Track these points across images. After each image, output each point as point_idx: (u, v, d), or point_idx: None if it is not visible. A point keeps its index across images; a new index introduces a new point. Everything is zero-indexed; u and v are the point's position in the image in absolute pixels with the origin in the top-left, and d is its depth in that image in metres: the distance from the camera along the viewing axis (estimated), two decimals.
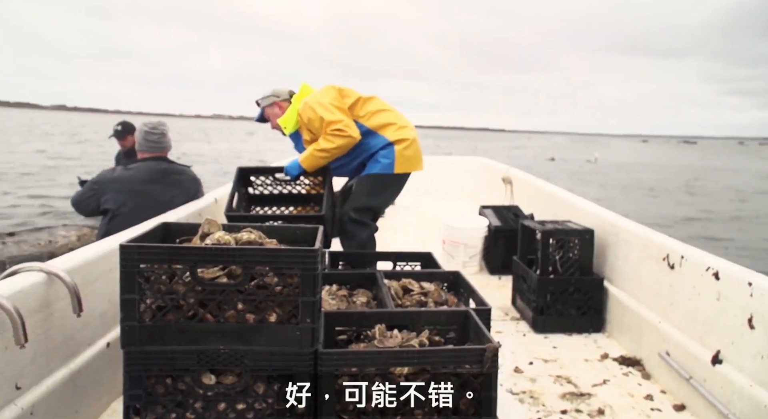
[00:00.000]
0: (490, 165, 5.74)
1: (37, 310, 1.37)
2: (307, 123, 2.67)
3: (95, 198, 2.73)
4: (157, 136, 2.86)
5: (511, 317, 2.77)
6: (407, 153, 2.67)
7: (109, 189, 2.72)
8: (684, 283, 1.93)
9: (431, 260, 2.52)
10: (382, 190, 2.74)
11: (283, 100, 2.85)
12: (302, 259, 1.32)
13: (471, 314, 1.62)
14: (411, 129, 2.74)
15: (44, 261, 1.48)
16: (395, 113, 2.77)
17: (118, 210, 2.68)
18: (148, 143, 2.85)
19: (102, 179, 2.77)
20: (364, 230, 2.74)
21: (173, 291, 1.31)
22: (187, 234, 1.55)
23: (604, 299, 2.57)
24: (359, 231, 2.73)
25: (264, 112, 2.89)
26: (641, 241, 2.31)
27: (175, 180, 2.85)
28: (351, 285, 2.12)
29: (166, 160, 2.91)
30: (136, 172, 2.78)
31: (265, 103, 2.87)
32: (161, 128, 2.88)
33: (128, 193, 2.71)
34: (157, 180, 2.79)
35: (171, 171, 2.87)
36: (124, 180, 2.74)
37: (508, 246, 3.42)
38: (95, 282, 1.64)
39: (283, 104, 2.84)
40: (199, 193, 2.98)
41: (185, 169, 2.97)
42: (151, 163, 2.83)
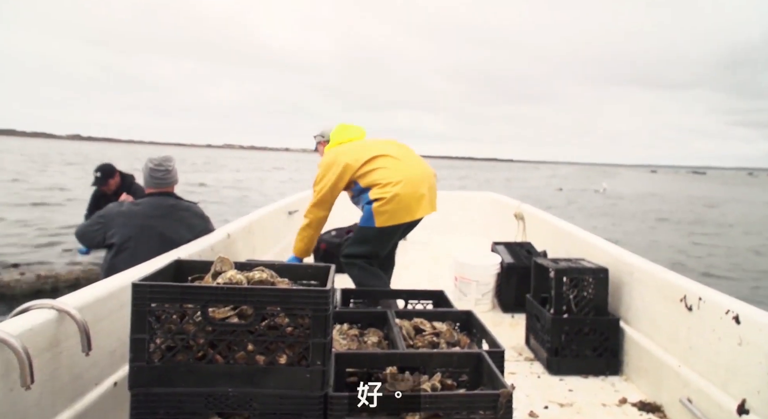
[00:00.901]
0: (502, 200, 5.73)
1: (46, 349, 1.36)
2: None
3: (101, 231, 2.75)
4: (162, 173, 2.89)
5: (525, 357, 2.70)
6: (383, 209, 2.84)
7: (116, 223, 2.74)
8: (703, 326, 1.87)
9: (443, 298, 2.49)
10: (365, 241, 2.95)
11: (326, 141, 3.27)
12: (314, 300, 1.31)
13: (484, 356, 1.59)
14: (395, 185, 2.85)
15: (55, 297, 1.47)
16: (389, 171, 2.90)
17: (123, 245, 2.69)
18: (154, 180, 2.88)
19: (109, 213, 2.79)
20: (352, 268, 2.95)
21: (184, 331, 1.30)
22: (200, 271, 1.55)
23: (621, 340, 2.50)
24: (349, 270, 2.96)
25: (317, 147, 3.36)
26: (657, 281, 2.27)
27: (181, 216, 2.87)
28: (362, 324, 2.09)
29: (173, 196, 2.94)
30: (144, 207, 2.81)
31: (315, 140, 3.36)
32: (166, 165, 2.91)
33: (134, 227, 2.72)
34: (163, 215, 2.81)
35: (178, 207, 2.89)
36: (131, 215, 2.77)
37: (521, 283, 3.37)
38: (105, 320, 1.63)
39: (325, 144, 3.25)
40: (206, 230, 2.98)
41: (191, 206, 2.99)
42: (158, 199, 2.85)
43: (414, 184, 2.88)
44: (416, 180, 2.90)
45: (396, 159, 2.96)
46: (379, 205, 2.84)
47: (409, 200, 2.87)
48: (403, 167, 2.93)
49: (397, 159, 2.96)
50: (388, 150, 3.00)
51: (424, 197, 2.91)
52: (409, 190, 2.87)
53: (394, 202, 2.84)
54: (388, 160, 2.95)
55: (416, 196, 2.88)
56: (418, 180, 2.90)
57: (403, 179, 2.88)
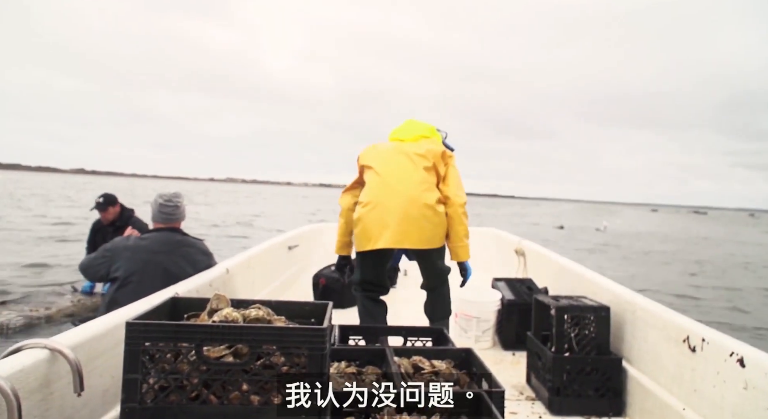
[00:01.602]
0: (503, 236, 5.72)
1: (37, 390, 1.33)
2: None
3: (106, 265, 2.75)
4: (171, 209, 2.92)
5: (526, 397, 2.64)
6: (355, 231, 2.78)
7: (121, 257, 2.74)
8: (707, 369, 1.84)
9: (443, 336, 2.45)
10: (357, 265, 2.92)
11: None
12: (310, 338, 1.29)
13: (484, 397, 1.55)
14: (364, 206, 2.71)
15: (48, 337, 1.46)
16: (368, 188, 2.78)
17: (127, 279, 2.70)
18: (163, 215, 2.91)
19: (116, 246, 2.80)
20: (357, 302, 2.96)
21: (177, 371, 1.28)
22: (196, 309, 1.54)
23: (624, 380, 2.45)
24: (357, 302, 2.96)
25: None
26: (659, 321, 2.24)
27: (185, 252, 2.88)
28: (360, 361, 2.06)
29: (179, 232, 2.96)
30: (150, 242, 2.82)
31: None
32: (176, 201, 2.95)
33: (139, 262, 2.73)
34: (169, 251, 2.82)
35: (183, 243, 2.91)
36: (137, 249, 2.77)
37: (522, 320, 3.33)
38: (99, 358, 1.60)
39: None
40: (209, 267, 2.97)
41: (196, 242, 3.01)
42: (165, 234, 2.87)
43: (383, 209, 2.65)
44: (388, 205, 2.65)
45: (378, 175, 2.74)
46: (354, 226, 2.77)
47: (371, 226, 2.66)
48: (380, 187, 2.71)
49: (379, 175, 2.74)
50: (379, 163, 2.79)
51: (388, 227, 2.63)
52: (373, 216, 2.66)
53: (358, 226, 2.73)
54: (371, 175, 2.78)
55: (381, 223, 2.64)
56: (391, 205, 2.64)
57: (372, 201, 2.69)
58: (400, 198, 2.66)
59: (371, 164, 2.80)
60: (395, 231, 2.64)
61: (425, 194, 2.69)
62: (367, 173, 2.81)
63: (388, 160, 2.78)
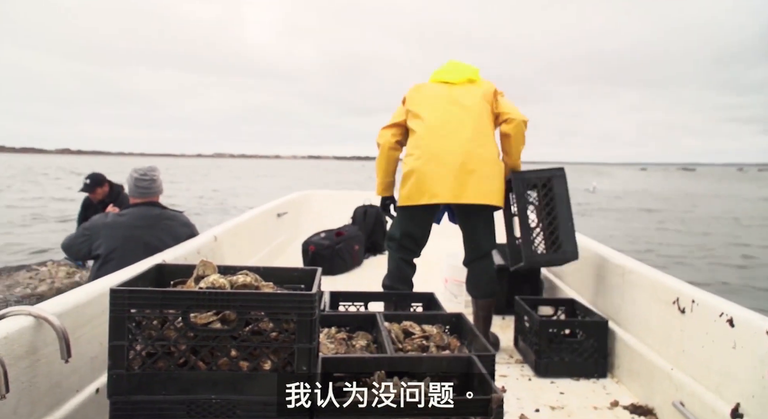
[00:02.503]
0: None
1: (23, 357, 1.31)
2: None
3: (87, 243, 2.73)
4: (147, 182, 2.87)
5: (515, 360, 2.68)
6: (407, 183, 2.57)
7: (101, 234, 2.72)
8: (696, 329, 1.86)
9: (433, 301, 2.46)
10: (395, 222, 2.79)
11: None
12: (299, 304, 1.28)
13: (474, 360, 1.56)
14: (418, 157, 2.55)
15: (33, 304, 1.43)
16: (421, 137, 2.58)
17: (109, 256, 2.68)
18: (139, 189, 2.87)
19: (95, 224, 2.78)
20: (390, 260, 2.78)
21: (164, 337, 1.26)
22: (182, 276, 1.51)
23: (611, 342, 2.49)
24: (388, 261, 2.79)
25: None
26: (648, 283, 2.25)
27: (166, 225, 2.85)
28: (350, 327, 2.06)
29: (158, 206, 2.92)
30: (129, 218, 2.79)
31: None
32: (151, 174, 2.89)
33: (120, 238, 2.71)
34: (149, 225, 2.79)
35: (163, 216, 2.88)
36: (115, 226, 2.75)
37: (512, 284, 3.36)
38: (86, 326, 1.58)
39: None
40: (191, 238, 2.94)
41: (176, 215, 2.98)
42: (142, 209, 2.84)
43: (439, 162, 2.52)
44: (445, 158, 2.51)
45: (429, 127, 2.57)
46: (402, 181, 2.60)
47: (427, 179, 2.51)
48: (433, 138, 2.56)
49: (430, 127, 2.57)
50: (429, 112, 2.60)
51: (445, 181, 2.50)
52: (429, 169, 2.51)
53: (411, 178, 2.54)
54: (419, 124, 2.60)
55: (438, 176, 2.50)
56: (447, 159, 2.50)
57: (426, 153, 2.54)
58: (455, 151, 2.53)
59: (419, 112, 2.61)
60: (453, 185, 2.51)
61: (481, 148, 2.57)
62: (414, 121, 2.62)
63: (439, 110, 2.61)
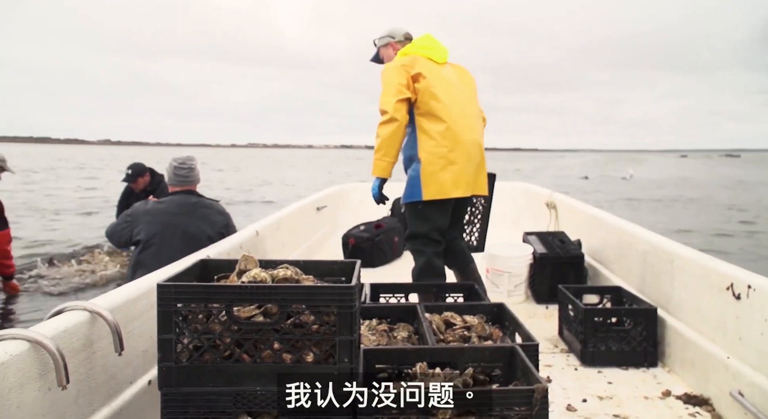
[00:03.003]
0: (533, 190, 5.60)
1: (80, 349, 1.38)
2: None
3: (128, 229, 2.87)
4: (185, 171, 2.99)
5: (560, 349, 2.63)
6: (436, 176, 2.46)
7: (141, 221, 2.85)
8: (754, 316, 1.77)
9: (474, 291, 2.44)
10: (420, 218, 2.59)
11: (398, 41, 2.82)
12: (339, 297, 1.28)
13: (517, 350, 1.54)
14: (451, 150, 2.45)
15: (88, 298, 1.50)
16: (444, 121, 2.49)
17: (149, 242, 2.80)
18: (178, 177, 2.98)
19: (136, 211, 2.91)
20: (419, 257, 2.65)
21: (210, 331, 1.30)
22: (225, 270, 1.54)
23: (661, 330, 2.40)
24: (416, 259, 2.68)
25: (379, 52, 2.89)
26: (700, 269, 2.16)
27: (203, 213, 2.95)
28: (391, 318, 2.07)
29: (195, 194, 3.03)
30: (168, 205, 2.91)
31: (380, 43, 2.87)
32: (189, 163, 3.01)
33: (159, 224, 2.83)
34: (186, 213, 2.89)
35: (200, 204, 2.98)
36: (155, 212, 2.87)
37: (555, 273, 3.29)
38: (136, 320, 1.65)
39: (397, 46, 2.80)
40: (228, 226, 3.04)
41: (213, 203, 3.07)
42: (181, 197, 2.95)
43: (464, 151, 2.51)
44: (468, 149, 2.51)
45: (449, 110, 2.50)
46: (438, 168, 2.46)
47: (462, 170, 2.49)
48: (455, 125, 2.51)
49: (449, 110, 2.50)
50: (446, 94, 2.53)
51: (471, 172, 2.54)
52: (463, 159, 2.49)
53: (448, 169, 2.47)
54: (438, 106, 2.51)
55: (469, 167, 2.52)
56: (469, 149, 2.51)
57: (452, 141, 2.50)
58: (476, 144, 2.56)
59: (439, 94, 2.52)
60: (472, 177, 2.55)
61: (482, 140, 2.63)
62: (434, 103, 2.52)
63: (454, 94, 2.58)
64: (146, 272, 2.60)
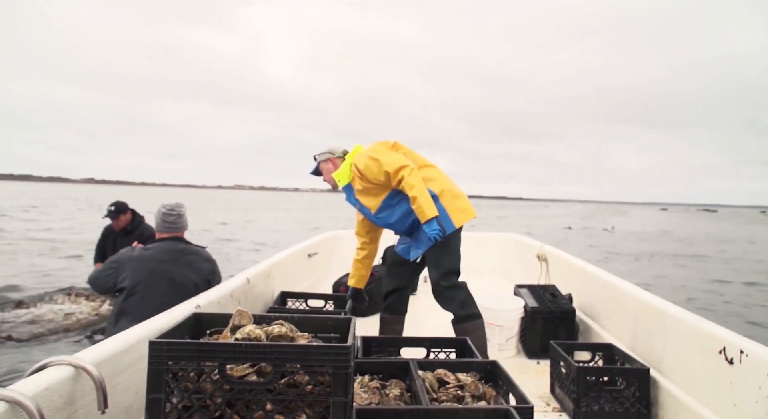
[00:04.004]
0: (524, 241, 5.63)
1: (62, 408, 1.33)
2: (363, 170, 2.88)
3: (113, 276, 2.82)
4: (174, 217, 2.99)
5: (553, 408, 2.58)
6: (458, 203, 2.84)
7: (127, 267, 2.81)
8: (747, 382, 1.76)
9: (467, 347, 2.41)
10: (454, 252, 2.87)
11: (337, 157, 3.12)
12: (334, 357, 1.26)
13: (512, 413, 1.51)
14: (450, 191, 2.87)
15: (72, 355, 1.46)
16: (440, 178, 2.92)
17: (134, 289, 2.76)
18: (166, 224, 2.98)
19: (121, 258, 2.87)
20: (459, 291, 2.86)
21: (201, 390, 1.26)
22: (218, 324, 1.52)
23: (654, 391, 2.38)
24: (456, 294, 2.85)
25: (319, 166, 3.17)
26: (691, 330, 2.16)
27: (189, 260, 2.93)
28: (383, 375, 2.02)
29: (183, 241, 3.02)
30: (154, 251, 2.88)
31: (321, 158, 3.15)
32: (178, 210, 3.02)
33: (145, 272, 2.79)
34: (173, 260, 2.87)
35: (187, 251, 2.96)
36: (142, 259, 2.84)
37: (547, 328, 3.27)
38: (122, 374, 1.60)
39: (336, 161, 3.11)
40: (214, 273, 3.03)
41: (200, 250, 3.06)
42: (168, 243, 2.93)
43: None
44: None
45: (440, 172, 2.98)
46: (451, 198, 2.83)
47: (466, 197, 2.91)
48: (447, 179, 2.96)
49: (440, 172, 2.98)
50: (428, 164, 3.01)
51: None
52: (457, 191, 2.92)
53: (459, 199, 2.85)
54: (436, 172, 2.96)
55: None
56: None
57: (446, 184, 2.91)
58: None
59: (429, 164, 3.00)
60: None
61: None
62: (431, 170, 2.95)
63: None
64: (130, 320, 2.54)
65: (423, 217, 2.73)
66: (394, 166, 2.78)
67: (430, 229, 2.73)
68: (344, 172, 3.01)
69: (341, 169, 3.02)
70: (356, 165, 2.92)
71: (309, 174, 3.23)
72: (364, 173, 2.88)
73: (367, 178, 2.88)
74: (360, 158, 2.90)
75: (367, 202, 2.96)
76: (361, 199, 2.99)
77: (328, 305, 3.40)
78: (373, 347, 2.44)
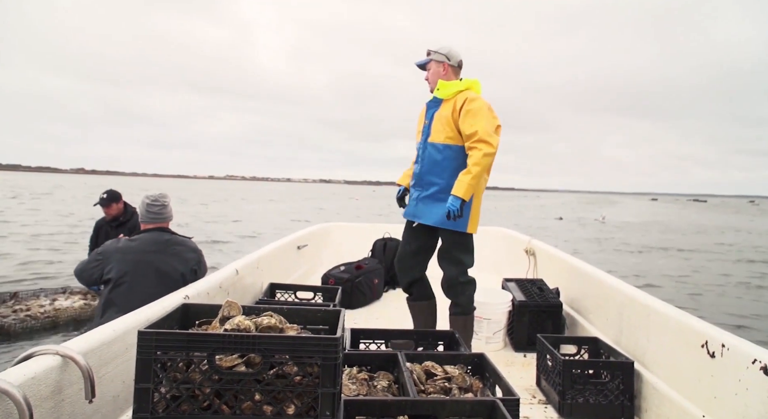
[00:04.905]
0: (512, 235, 5.67)
1: (49, 397, 1.32)
2: (468, 108, 2.71)
3: (99, 268, 2.80)
4: (158, 208, 2.97)
5: (538, 400, 2.61)
6: (478, 216, 2.88)
7: (113, 259, 2.79)
8: (728, 375, 1.80)
9: (454, 339, 2.43)
10: (471, 250, 2.93)
11: (451, 65, 2.92)
12: (323, 348, 1.27)
13: (498, 405, 1.53)
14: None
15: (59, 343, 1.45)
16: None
17: (120, 280, 2.74)
18: (150, 215, 2.96)
19: (107, 249, 2.85)
20: (471, 286, 2.95)
21: (189, 380, 1.26)
22: (207, 315, 1.52)
23: (637, 384, 2.42)
24: (469, 289, 2.94)
25: (429, 63, 2.95)
26: (675, 324, 2.20)
27: (175, 250, 2.92)
28: (372, 366, 2.04)
29: (168, 231, 3.00)
30: (140, 242, 2.87)
31: (436, 57, 2.93)
32: (162, 200, 3.00)
33: (130, 263, 2.78)
34: (159, 250, 2.86)
35: (173, 242, 2.95)
36: (127, 250, 2.82)
37: (534, 321, 3.31)
38: (109, 364, 1.60)
39: (449, 68, 2.92)
40: (200, 263, 3.02)
41: (185, 241, 3.04)
42: (153, 234, 2.92)
43: None
44: None
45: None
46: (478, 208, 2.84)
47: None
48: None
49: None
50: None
51: None
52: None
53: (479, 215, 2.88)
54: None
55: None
56: None
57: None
58: None
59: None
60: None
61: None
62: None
63: None
64: (117, 311, 2.53)
65: (458, 191, 2.66)
66: (485, 137, 2.67)
67: (453, 204, 2.67)
68: (452, 86, 2.84)
69: (452, 82, 2.85)
70: (468, 98, 2.76)
71: (414, 63, 3.01)
72: (464, 110, 2.73)
73: (460, 115, 2.73)
74: (476, 98, 2.76)
75: (437, 128, 2.81)
76: (435, 123, 2.83)
77: (318, 297, 3.40)
78: (362, 339, 2.45)
